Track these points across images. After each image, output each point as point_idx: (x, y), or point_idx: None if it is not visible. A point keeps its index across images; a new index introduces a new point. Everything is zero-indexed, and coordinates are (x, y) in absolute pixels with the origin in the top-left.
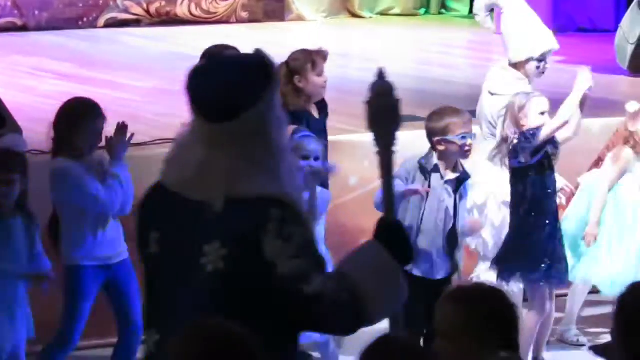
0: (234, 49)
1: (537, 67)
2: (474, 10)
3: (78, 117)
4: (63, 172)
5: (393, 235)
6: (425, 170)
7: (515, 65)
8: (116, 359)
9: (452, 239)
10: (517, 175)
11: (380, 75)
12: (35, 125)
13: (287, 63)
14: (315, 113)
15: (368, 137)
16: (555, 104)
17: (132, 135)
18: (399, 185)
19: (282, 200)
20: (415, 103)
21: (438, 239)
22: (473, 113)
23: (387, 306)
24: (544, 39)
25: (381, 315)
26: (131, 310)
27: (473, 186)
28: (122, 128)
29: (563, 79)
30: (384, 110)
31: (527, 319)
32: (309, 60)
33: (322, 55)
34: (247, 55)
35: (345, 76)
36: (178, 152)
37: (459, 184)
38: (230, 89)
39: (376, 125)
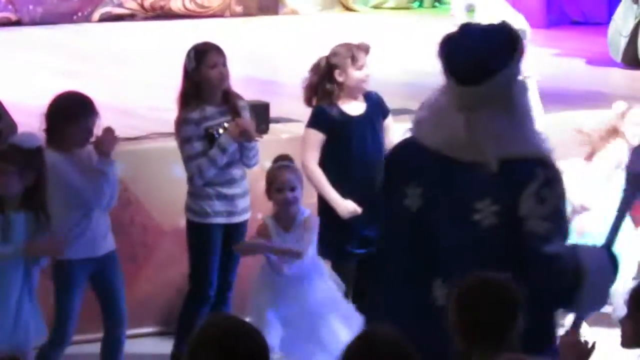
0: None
1: None
2: (452, 12)
3: (72, 113)
4: (49, 166)
5: (612, 261)
6: None
7: None
8: (104, 353)
9: None
10: None
11: None
12: (31, 120)
13: (327, 57)
14: (359, 108)
15: None
16: (550, 96)
17: (117, 137)
18: None
19: (546, 161)
20: (409, 96)
21: None
22: None
23: (590, 302)
24: (517, 21)
25: (582, 306)
26: (116, 303)
27: None
28: (110, 129)
29: (557, 71)
30: None
31: None
32: (349, 54)
33: (363, 48)
34: (494, 25)
35: None
36: (431, 114)
37: None
38: (481, 54)
39: (636, 179)
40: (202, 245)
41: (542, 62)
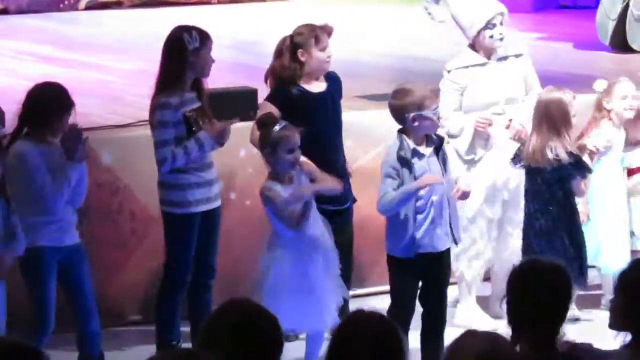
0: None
1: (491, 37)
2: (425, 7)
3: (59, 106)
4: (20, 158)
5: None
6: (406, 160)
7: (474, 45)
8: (82, 348)
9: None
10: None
11: None
12: (17, 107)
13: (291, 36)
14: (320, 86)
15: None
16: (540, 81)
17: (87, 138)
18: (403, 189)
19: None
20: (397, 81)
21: (444, 212)
22: None
23: None
24: (485, 6)
25: None
26: (85, 295)
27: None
28: (75, 130)
29: (545, 55)
30: None
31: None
32: (313, 35)
33: (326, 30)
34: None
35: None
36: None
37: (436, 151)
38: None
39: None
40: (185, 236)
41: (529, 46)
